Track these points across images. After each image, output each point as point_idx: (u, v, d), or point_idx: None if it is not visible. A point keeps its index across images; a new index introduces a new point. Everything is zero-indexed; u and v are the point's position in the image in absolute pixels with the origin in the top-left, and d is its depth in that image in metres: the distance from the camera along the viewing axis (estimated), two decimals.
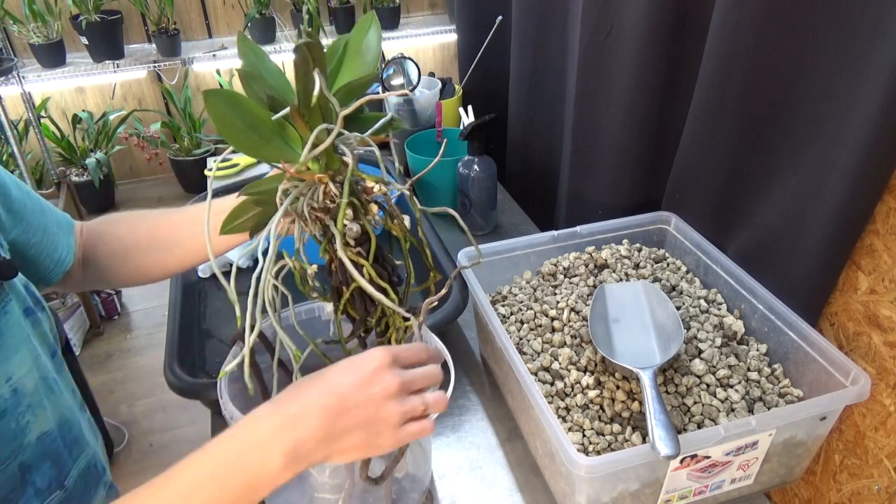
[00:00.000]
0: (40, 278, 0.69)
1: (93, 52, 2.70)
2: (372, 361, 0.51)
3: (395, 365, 0.52)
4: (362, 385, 0.50)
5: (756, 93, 0.78)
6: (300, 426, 0.49)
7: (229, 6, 2.95)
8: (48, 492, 0.62)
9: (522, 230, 1.31)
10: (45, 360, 0.63)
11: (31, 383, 0.60)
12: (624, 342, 0.78)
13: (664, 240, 1.00)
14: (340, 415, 0.49)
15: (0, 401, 0.56)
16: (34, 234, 0.67)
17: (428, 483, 0.77)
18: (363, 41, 0.58)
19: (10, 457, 0.58)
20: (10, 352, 0.57)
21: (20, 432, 0.59)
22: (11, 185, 0.66)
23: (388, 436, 0.51)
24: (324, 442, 0.49)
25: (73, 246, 0.72)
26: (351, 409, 0.49)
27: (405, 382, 0.51)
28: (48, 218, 0.70)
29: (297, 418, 0.49)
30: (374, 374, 0.50)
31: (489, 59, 1.47)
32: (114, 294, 2.42)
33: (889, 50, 0.60)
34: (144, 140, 3.00)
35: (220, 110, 0.50)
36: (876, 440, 0.72)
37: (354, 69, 0.57)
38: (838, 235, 0.70)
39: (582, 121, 1.10)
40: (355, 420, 0.49)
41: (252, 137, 0.52)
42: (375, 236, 0.56)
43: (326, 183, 0.54)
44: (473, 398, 0.92)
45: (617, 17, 0.96)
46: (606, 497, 0.67)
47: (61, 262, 0.70)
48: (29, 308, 0.62)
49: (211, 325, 1.04)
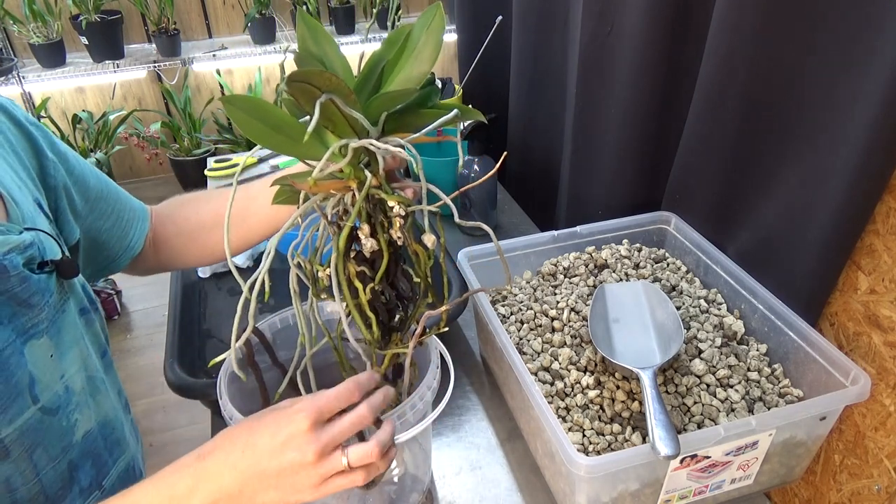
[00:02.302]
0: (110, 262, 0.73)
1: (93, 52, 2.70)
2: (290, 424, 0.50)
3: (316, 425, 0.50)
4: (277, 450, 0.50)
5: (756, 93, 0.78)
6: (216, 483, 0.50)
7: (229, 6, 2.96)
8: (89, 491, 0.63)
9: (522, 230, 1.31)
10: (94, 359, 0.64)
11: (80, 382, 0.61)
12: (624, 342, 0.78)
13: (664, 240, 1.00)
14: (255, 477, 0.50)
15: (55, 397, 0.58)
16: (107, 220, 0.71)
17: (428, 483, 0.77)
18: (422, 38, 0.53)
19: (61, 454, 0.59)
20: (65, 349, 0.59)
21: (70, 430, 0.60)
22: (90, 175, 0.70)
23: (306, 494, 0.51)
24: (239, 499, 0.50)
25: (146, 232, 0.76)
26: (266, 473, 0.50)
27: (324, 446, 0.50)
28: (123, 205, 0.74)
29: (214, 475, 0.50)
30: (291, 438, 0.50)
31: (489, 59, 1.46)
32: (114, 294, 2.42)
33: (889, 49, 0.60)
34: (144, 140, 3.00)
35: (239, 117, 0.49)
36: (876, 440, 0.72)
37: (409, 69, 0.53)
38: (838, 235, 0.70)
39: (582, 121, 1.10)
40: (270, 482, 0.50)
41: (278, 138, 0.51)
42: (390, 255, 0.54)
43: (352, 191, 0.52)
44: (473, 398, 0.92)
45: (617, 18, 0.96)
46: (606, 497, 0.67)
47: (131, 248, 0.74)
48: (84, 307, 0.63)
49: (211, 325, 1.04)
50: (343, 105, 0.48)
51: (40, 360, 0.55)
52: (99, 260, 0.72)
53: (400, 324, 0.60)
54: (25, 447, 0.55)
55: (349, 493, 0.66)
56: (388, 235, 0.54)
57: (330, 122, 0.50)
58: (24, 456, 0.55)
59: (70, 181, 0.66)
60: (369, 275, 0.55)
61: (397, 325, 0.60)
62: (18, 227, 0.55)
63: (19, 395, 0.54)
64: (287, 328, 0.70)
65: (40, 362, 0.55)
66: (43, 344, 0.56)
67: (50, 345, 0.57)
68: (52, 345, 0.57)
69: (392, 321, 0.59)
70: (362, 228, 0.53)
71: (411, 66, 0.53)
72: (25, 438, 0.55)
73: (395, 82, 0.53)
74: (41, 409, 0.56)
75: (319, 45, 0.52)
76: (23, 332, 0.54)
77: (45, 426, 0.57)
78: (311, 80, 0.46)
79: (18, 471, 0.55)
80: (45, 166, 0.63)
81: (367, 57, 0.53)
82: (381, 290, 0.55)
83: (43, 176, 0.63)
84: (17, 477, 0.55)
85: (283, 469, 0.50)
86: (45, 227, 0.58)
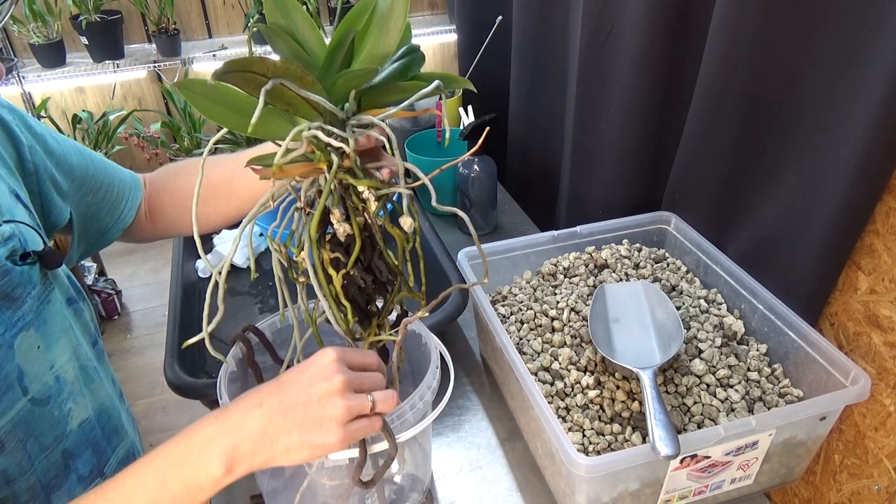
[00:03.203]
0: (101, 235, 0.73)
1: (93, 52, 2.70)
2: (318, 359, 0.51)
3: (341, 363, 0.51)
4: (306, 383, 0.49)
5: (756, 93, 0.78)
6: (239, 429, 0.48)
7: (229, 6, 2.95)
8: (90, 478, 0.63)
9: (522, 230, 1.31)
10: (85, 349, 0.64)
11: (72, 372, 0.61)
12: (624, 342, 0.78)
13: (664, 240, 1.00)
14: (280, 413, 0.48)
15: (45, 388, 0.58)
16: (95, 194, 0.71)
17: (428, 483, 0.77)
18: (385, 7, 0.49)
19: (54, 443, 0.59)
20: (52, 339, 0.59)
21: (63, 419, 0.60)
22: (72, 153, 0.69)
23: (332, 433, 0.48)
24: (262, 443, 0.48)
25: (138, 202, 0.76)
26: (292, 408, 0.48)
27: (350, 380, 0.50)
28: (112, 178, 0.74)
29: (238, 422, 0.49)
30: (319, 371, 0.50)
31: (489, 59, 1.46)
32: (114, 294, 2.42)
33: (889, 49, 0.60)
34: (144, 140, 3.00)
35: (198, 101, 0.47)
36: (876, 440, 0.72)
37: (374, 45, 0.50)
38: (838, 235, 0.70)
39: (582, 121, 1.10)
40: (296, 418, 0.48)
41: (240, 119, 0.49)
42: (362, 240, 0.52)
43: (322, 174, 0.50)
44: (473, 398, 0.92)
45: (617, 18, 0.96)
46: (606, 497, 0.67)
47: (121, 220, 0.74)
48: (71, 297, 0.63)
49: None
50: (297, 88, 0.45)
51: (27, 352, 0.56)
52: (90, 234, 0.72)
53: (379, 311, 0.58)
54: (19, 438, 0.56)
55: (349, 493, 0.66)
56: (362, 219, 0.52)
57: (289, 105, 0.48)
58: (19, 447, 0.56)
59: (51, 162, 0.65)
60: (343, 260, 0.53)
61: (376, 311, 0.58)
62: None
63: (9, 389, 0.54)
64: (287, 328, 0.70)
65: (27, 354, 0.56)
66: (29, 336, 0.56)
67: (36, 336, 0.57)
68: (39, 336, 0.57)
69: (369, 306, 0.58)
70: (334, 213, 0.51)
71: (376, 41, 0.50)
72: (18, 430, 0.56)
73: (361, 59, 0.51)
74: (31, 400, 0.56)
75: (288, 17, 0.49)
76: (11, 325, 0.54)
77: (36, 417, 0.57)
78: (251, 67, 0.43)
79: (14, 462, 0.56)
80: (21, 152, 0.62)
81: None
82: (357, 276, 0.54)
83: (21, 162, 0.62)
84: (14, 468, 0.56)
85: (311, 399, 0.48)
86: (25, 218, 0.58)
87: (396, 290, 0.57)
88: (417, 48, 0.53)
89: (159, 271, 2.73)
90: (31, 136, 0.64)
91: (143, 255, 2.81)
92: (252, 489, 0.77)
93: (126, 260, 2.79)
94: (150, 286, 2.63)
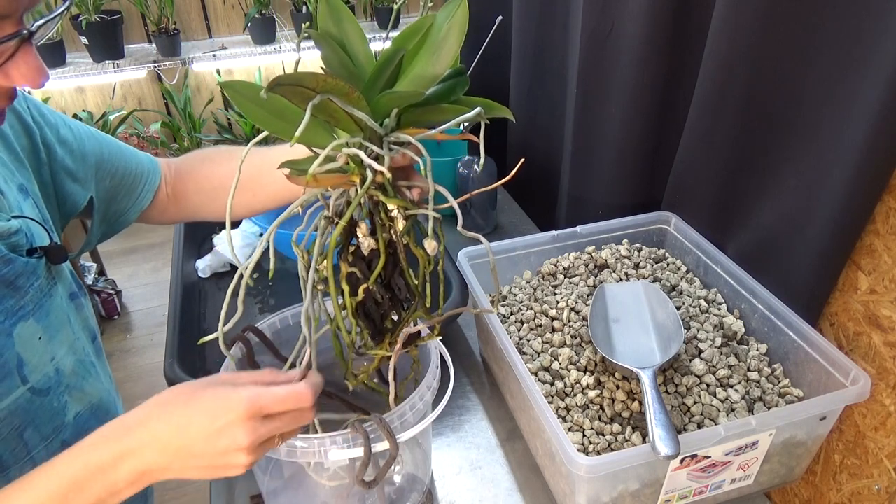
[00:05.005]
0: (119, 217, 0.75)
1: (93, 52, 2.70)
2: (229, 412, 0.48)
3: (255, 418, 0.49)
4: (212, 436, 0.48)
5: (756, 93, 0.78)
6: (144, 457, 0.49)
7: (229, 6, 2.95)
8: None
9: (522, 230, 1.31)
10: (84, 343, 0.65)
11: (69, 365, 0.62)
12: (624, 342, 0.78)
13: (664, 240, 1.00)
14: (185, 457, 0.49)
15: (45, 379, 0.59)
16: (111, 179, 0.72)
17: (428, 483, 0.77)
18: (442, 31, 0.48)
19: (53, 434, 0.60)
20: (53, 332, 0.59)
21: (60, 411, 0.61)
22: (86, 139, 0.70)
23: (237, 470, 0.50)
24: (166, 473, 0.50)
25: (156, 185, 0.77)
26: (196, 455, 0.49)
27: (260, 437, 0.49)
28: (128, 161, 0.74)
29: (143, 449, 0.49)
30: (228, 426, 0.48)
31: (489, 59, 1.46)
32: (114, 294, 2.42)
33: (889, 49, 0.60)
34: (144, 140, 3.00)
35: (241, 102, 0.48)
36: (876, 440, 0.72)
37: (424, 66, 0.50)
38: (838, 235, 0.70)
39: (582, 121, 1.10)
40: (196, 464, 0.50)
41: (281, 124, 0.50)
42: (387, 256, 0.52)
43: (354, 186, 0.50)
44: (473, 398, 0.92)
45: (618, 17, 0.96)
46: (606, 497, 0.67)
47: (139, 202, 0.75)
48: (74, 293, 0.64)
49: (211, 325, 1.04)
50: (343, 104, 0.46)
51: (28, 342, 0.56)
52: (109, 216, 0.74)
53: (393, 327, 0.59)
54: (14, 426, 0.56)
55: (349, 493, 0.66)
56: (388, 235, 0.52)
57: (332, 118, 0.49)
58: (14, 435, 0.56)
59: (65, 151, 0.67)
60: (360, 276, 0.53)
61: (390, 328, 0.58)
62: (6, 214, 0.56)
63: (7, 376, 0.55)
64: (287, 328, 0.70)
65: (28, 344, 0.56)
66: (30, 326, 0.56)
67: (37, 327, 0.57)
68: (41, 327, 0.58)
69: (384, 323, 0.58)
70: (360, 226, 0.51)
71: (426, 63, 0.50)
72: (14, 418, 0.56)
73: (408, 79, 0.51)
74: (31, 389, 0.57)
75: (340, 27, 0.49)
76: (11, 313, 0.55)
77: (36, 406, 0.58)
78: (303, 82, 0.44)
79: (8, 449, 0.56)
80: (34, 142, 0.63)
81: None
82: (376, 291, 0.54)
83: (34, 152, 0.63)
84: (8, 455, 0.56)
85: (217, 452, 0.49)
86: (32, 213, 0.59)
87: (413, 309, 0.57)
88: (464, 71, 0.53)
89: (159, 271, 2.73)
90: (45, 125, 0.65)
91: (144, 255, 2.82)
92: (252, 489, 0.77)
93: (126, 260, 2.79)
94: (150, 286, 2.63)
